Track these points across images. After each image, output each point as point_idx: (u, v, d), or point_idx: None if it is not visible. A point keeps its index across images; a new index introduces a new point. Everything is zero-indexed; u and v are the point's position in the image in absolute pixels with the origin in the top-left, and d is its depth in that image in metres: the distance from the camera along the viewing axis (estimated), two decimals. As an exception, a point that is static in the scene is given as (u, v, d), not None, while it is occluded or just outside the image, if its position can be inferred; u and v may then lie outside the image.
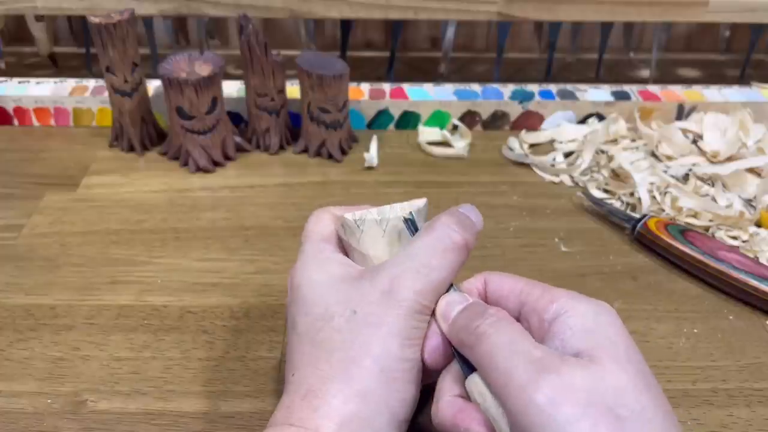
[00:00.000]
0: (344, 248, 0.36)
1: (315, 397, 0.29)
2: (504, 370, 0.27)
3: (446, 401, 0.29)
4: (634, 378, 0.27)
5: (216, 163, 0.59)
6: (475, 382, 0.29)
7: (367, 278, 0.32)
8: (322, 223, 0.36)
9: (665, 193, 0.55)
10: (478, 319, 0.29)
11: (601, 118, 0.65)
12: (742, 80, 0.75)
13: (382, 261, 0.33)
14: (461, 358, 0.30)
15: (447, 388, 0.30)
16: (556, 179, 0.59)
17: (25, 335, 0.42)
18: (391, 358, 0.30)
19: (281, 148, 0.62)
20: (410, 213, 0.34)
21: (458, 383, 0.30)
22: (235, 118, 0.64)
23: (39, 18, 0.71)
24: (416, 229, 0.34)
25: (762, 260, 0.49)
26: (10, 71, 0.71)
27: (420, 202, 0.35)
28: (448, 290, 0.32)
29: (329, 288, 0.32)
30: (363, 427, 0.29)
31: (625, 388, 0.26)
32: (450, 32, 0.72)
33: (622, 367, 0.27)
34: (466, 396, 0.29)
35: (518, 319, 0.31)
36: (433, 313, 0.32)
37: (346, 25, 0.72)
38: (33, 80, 0.66)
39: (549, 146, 0.64)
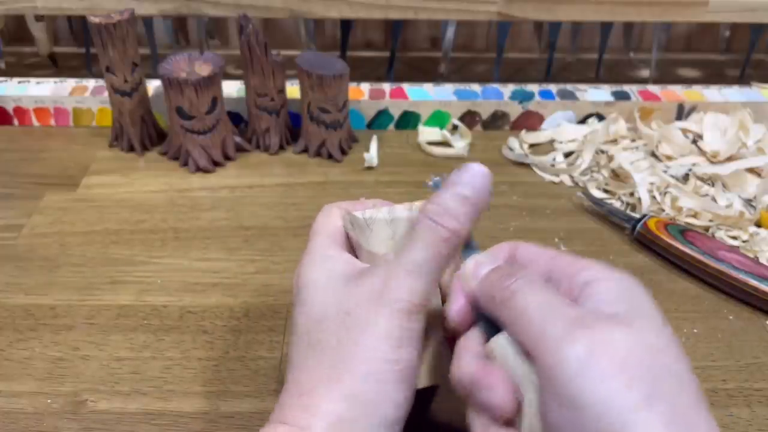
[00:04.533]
0: (351, 245, 0.35)
1: (307, 397, 0.30)
2: (539, 324, 0.26)
3: (467, 360, 0.29)
4: (670, 343, 0.26)
5: (216, 163, 0.59)
6: (499, 342, 0.28)
7: (361, 279, 0.32)
8: (329, 220, 0.36)
9: (665, 193, 0.55)
10: (511, 277, 0.29)
11: (601, 118, 0.65)
12: (742, 80, 0.75)
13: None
14: (485, 319, 0.30)
15: (469, 347, 0.30)
16: (556, 179, 0.59)
17: (25, 335, 0.42)
18: (381, 360, 0.29)
19: (281, 148, 0.62)
20: (438, 178, 0.34)
21: (479, 345, 0.30)
22: (235, 118, 0.64)
23: (39, 18, 0.71)
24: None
25: (762, 260, 0.49)
26: (10, 71, 0.71)
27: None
28: (470, 251, 0.32)
29: (327, 289, 0.32)
30: (351, 428, 0.29)
31: (663, 350, 0.26)
32: (450, 32, 0.72)
33: (659, 331, 0.26)
34: (487, 357, 0.29)
35: None
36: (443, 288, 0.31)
37: (346, 25, 0.72)
38: (33, 80, 0.66)
39: (549, 146, 0.64)
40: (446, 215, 0.31)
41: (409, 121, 0.66)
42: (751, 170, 0.57)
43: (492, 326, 0.29)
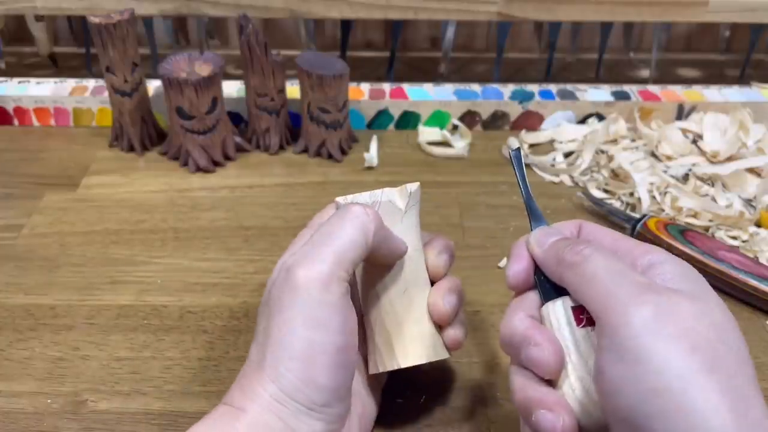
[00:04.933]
0: None
1: (246, 380, 0.31)
2: (608, 286, 0.27)
3: (520, 317, 0.30)
4: (733, 324, 0.27)
5: (216, 163, 0.59)
6: (555, 307, 0.30)
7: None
8: (325, 213, 0.38)
9: (665, 193, 0.55)
10: (580, 245, 0.30)
11: (601, 118, 0.65)
12: (742, 80, 0.75)
13: None
14: (543, 285, 0.31)
15: (522, 308, 0.31)
16: (556, 179, 0.59)
17: (25, 335, 0.42)
18: (292, 343, 0.30)
19: (281, 148, 0.62)
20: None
21: (533, 308, 0.31)
22: (235, 118, 0.64)
23: (39, 18, 0.71)
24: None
25: (762, 260, 0.49)
26: (10, 71, 0.71)
27: (412, 186, 0.36)
28: (538, 222, 0.33)
29: (276, 275, 0.34)
30: (281, 409, 0.30)
31: (728, 327, 0.26)
32: (450, 32, 0.72)
33: (724, 311, 0.27)
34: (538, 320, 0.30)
35: None
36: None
37: (346, 25, 0.72)
38: (33, 80, 0.66)
39: (549, 146, 0.64)
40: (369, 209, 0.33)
41: (409, 121, 0.65)
42: (751, 170, 0.57)
43: (548, 292, 0.30)
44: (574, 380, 0.28)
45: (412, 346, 0.35)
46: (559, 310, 0.30)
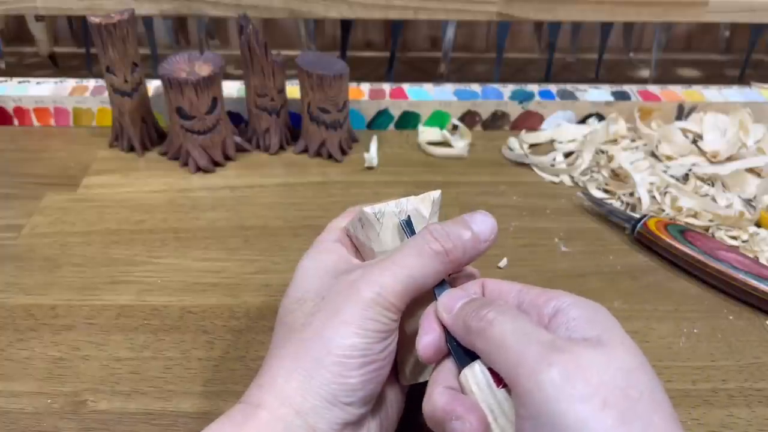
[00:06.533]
0: (356, 248, 0.36)
1: (266, 376, 0.31)
2: (516, 350, 0.27)
3: (438, 391, 0.30)
4: (642, 362, 0.27)
5: (216, 163, 0.59)
6: (472, 372, 0.29)
7: (347, 273, 0.33)
8: (341, 219, 0.37)
9: (665, 193, 0.55)
10: (486, 308, 0.29)
11: (601, 118, 0.65)
12: (742, 80, 0.75)
13: None
14: (457, 351, 0.30)
15: (440, 381, 0.30)
16: (556, 179, 0.59)
17: (25, 335, 0.42)
18: (340, 344, 0.30)
19: (281, 148, 0.62)
20: (407, 215, 0.35)
21: (451, 377, 0.30)
22: (235, 118, 0.64)
23: (39, 18, 0.71)
24: (412, 232, 0.34)
25: (762, 260, 0.49)
26: (10, 71, 0.71)
27: (435, 194, 0.36)
28: (442, 287, 0.33)
29: (314, 277, 0.34)
30: (302, 404, 0.30)
31: (636, 370, 0.26)
32: (450, 32, 0.72)
33: (631, 351, 0.27)
34: (459, 390, 0.30)
35: None
36: (418, 318, 0.32)
37: (346, 25, 0.72)
38: (33, 80, 0.66)
39: (549, 146, 0.64)
40: (445, 235, 0.33)
41: (409, 121, 0.66)
42: (751, 170, 0.57)
43: (463, 358, 0.30)
44: None
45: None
46: (477, 374, 0.29)
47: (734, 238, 0.51)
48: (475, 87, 0.67)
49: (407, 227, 0.34)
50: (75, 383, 0.39)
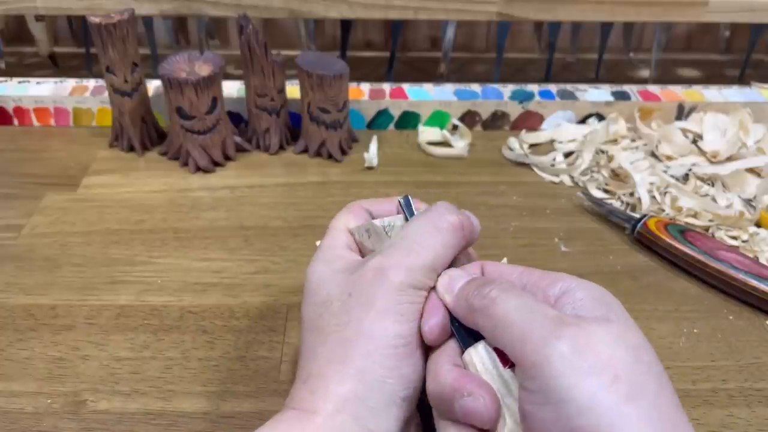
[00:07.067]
0: (363, 253, 0.36)
1: (315, 380, 0.30)
2: (521, 326, 0.27)
3: (447, 369, 0.29)
4: (648, 345, 0.27)
5: (216, 163, 0.59)
6: (476, 352, 0.29)
7: (363, 265, 0.32)
8: (349, 216, 0.36)
9: (665, 193, 0.55)
10: (488, 286, 0.29)
11: (601, 118, 0.65)
12: (742, 80, 0.75)
13: None
14: (461, 332, 0.30)
15: (443, 361, 0.30)
16: (556, 179, 0.59)
17: (25, 335, 0.42)
18: (385, 335, 0.30)
19: (281, 148, 0.62)
20: (406, 196, 0.35)
21: (454, 358, 0.30)
22: (235, 118, 0.64)
23: (39, 18, 0.71)
24: (411, 213, 0.34)
25: (762, 260, 0.49)
26: (10, 71, 0.71)
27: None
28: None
29: (333, 281, 0.33)
30: (360, 407, 0.29)
31: (642, 347, 0.26)
32: (450, 32, 0.72)
33: (638, 333, 0.27)
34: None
35: None
36: (431, 290, 0.32)
37: (346, 25, 0.72)
38: (33, 80, 0.66)
39: (549, 146, 0.64)
40: (454, 209, 0.33)
41: (409, 121, 0.66)
42: (751, 170, 0.57)
43: (466, 339, 0.30)
44: (512, 424, 0.27)
45: None
46: (482, 354, 0.28)
47: (734, 238, 0.51)
48: (475, 87, 0.67)
49: (407, 207, 0.34)
50: (75, 383, 0.39)
